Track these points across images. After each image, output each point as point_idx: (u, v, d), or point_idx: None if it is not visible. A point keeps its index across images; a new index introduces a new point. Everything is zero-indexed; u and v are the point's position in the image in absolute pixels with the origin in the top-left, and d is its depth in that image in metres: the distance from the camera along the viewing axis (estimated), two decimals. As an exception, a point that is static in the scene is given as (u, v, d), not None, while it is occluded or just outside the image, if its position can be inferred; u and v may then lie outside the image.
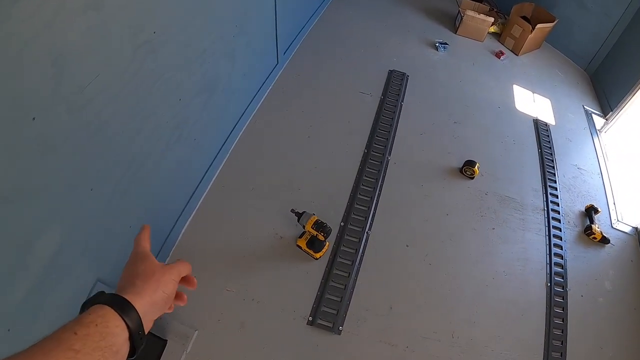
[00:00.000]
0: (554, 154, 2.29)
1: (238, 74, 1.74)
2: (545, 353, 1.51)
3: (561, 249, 1.85)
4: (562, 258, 1.82)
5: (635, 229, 2.05)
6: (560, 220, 1.96)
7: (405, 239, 1.72)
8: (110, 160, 1.01)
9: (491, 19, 2.92)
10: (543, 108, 2.61)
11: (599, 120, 2.68)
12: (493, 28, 3.10)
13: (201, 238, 1.58)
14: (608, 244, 1.92)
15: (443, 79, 2.61)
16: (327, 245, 1.58)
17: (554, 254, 1.82)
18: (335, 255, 1.59)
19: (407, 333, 1.46)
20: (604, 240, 1.91)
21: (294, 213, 1.47)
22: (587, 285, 1.76)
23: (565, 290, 1.71)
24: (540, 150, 2.28)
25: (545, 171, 2.16)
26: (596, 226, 1.93)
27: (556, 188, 2.10)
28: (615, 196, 2.20)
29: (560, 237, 1.89)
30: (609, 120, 2.63)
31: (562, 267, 1.79)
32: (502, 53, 2.91)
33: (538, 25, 2.79)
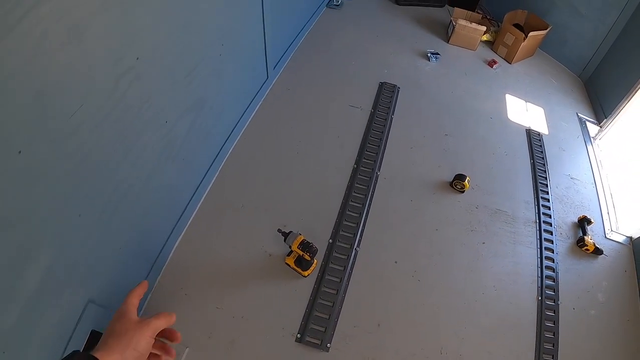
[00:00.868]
0: (547, 164, 2.28)
1: (226, 91, 1.76)
2: (536, 368, 1.50)
3: (553, 261, 1.84)
4: (554, 271, 1.81)
5: (629, 238, 2.04)
6: (552, 232, 1.96)
7: (394, 255, 1.73)
8: (97, 186, 1.03)
9: (483, 28, 2.93)
10: (536, 117, 2.61)
11: (593, 127, 2.66)
12: (486, 36, 3.10)
13: (192, 256, 1.60)
14: (602, 255, 1.91)
15: (434, 90, 2.62)
16: (315, 262, 1.59)
17: (545, 267, 1.81)
18: (323, 273, 1.61)
19: (396, 350, 1.47)
20: (597, 252, 1.90)
21: (281, 233, 1.49)
22: (579, 298, 1.75)
23: (556, 303, 1.70)
24: (533, 161, 2.27)
25: (538, 182, 2.15)
26: (589, 237, 1.92)
27: (548, 199, 2.09)
28: (609, 206, 2.18)
29: (552, 250, 1.88)
30: (603, 127, 2.62)
31: (554, 280, 1.78)
32: (495, 62, 2.91)
33: (531, 33, 2.79)
